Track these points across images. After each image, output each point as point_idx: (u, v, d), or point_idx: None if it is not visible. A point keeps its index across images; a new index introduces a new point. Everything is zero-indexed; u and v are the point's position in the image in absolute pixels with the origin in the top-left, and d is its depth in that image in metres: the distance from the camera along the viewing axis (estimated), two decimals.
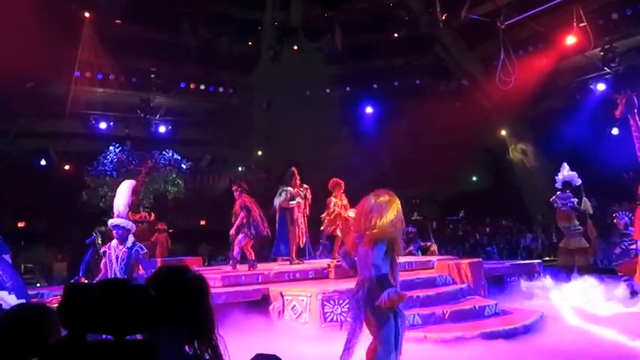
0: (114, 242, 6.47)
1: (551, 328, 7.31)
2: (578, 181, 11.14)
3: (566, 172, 11.22)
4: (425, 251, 12.90)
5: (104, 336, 1.65)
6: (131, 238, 6.53)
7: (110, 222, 6.65)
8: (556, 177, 11.31)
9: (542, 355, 6.03)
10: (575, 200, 10.96)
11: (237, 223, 9.55)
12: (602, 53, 17.13)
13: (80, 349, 1.50)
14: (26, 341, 1.86)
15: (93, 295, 1.54)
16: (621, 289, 9.35)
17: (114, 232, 6.52)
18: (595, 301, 8.68)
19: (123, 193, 6.92)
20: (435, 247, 13.38)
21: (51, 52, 14.97)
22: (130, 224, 6.60)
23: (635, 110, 8.42)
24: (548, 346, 6.34)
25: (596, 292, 9.01)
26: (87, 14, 17.42)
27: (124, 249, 6.39)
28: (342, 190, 10.72)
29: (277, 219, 10.40)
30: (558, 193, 11.05)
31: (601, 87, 17.81)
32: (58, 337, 1.79)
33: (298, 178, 10.50)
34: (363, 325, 4.47)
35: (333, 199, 10.63)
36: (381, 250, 4.22)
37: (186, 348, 1.85)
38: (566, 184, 11.07)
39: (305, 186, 10.60)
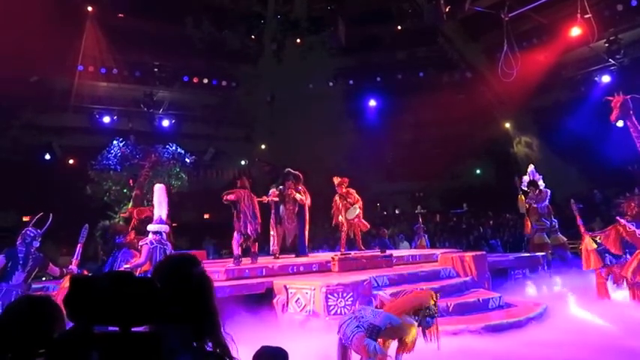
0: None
1: (555, 320, 7.31)
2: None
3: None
4: None
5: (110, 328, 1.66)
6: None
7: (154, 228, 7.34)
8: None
9: (546, 347, 6.02)
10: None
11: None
12: (607, 45, 17.04)
13: (86, 341, 1.51)
14: (32, 334, 1.87)
15: (99, 287, 1.55)
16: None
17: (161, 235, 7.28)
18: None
19: (161, 199, 7.39)
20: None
21: (54, 46, 15.00)
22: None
23: (631, 112, 8.16)
24: (551, 339, 6.34)
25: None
26: (90, 8, 17.45)
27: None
28: (343, 187, 10.62)
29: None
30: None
31: (606, 79, 17.72)
32: (63, 329, 1.80)
33: (291, 180, 10.43)
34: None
35: (335, 197, 10.67)
36: (388, 319, 4.58)
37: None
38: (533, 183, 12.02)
39: (300, 188, 10.52)
